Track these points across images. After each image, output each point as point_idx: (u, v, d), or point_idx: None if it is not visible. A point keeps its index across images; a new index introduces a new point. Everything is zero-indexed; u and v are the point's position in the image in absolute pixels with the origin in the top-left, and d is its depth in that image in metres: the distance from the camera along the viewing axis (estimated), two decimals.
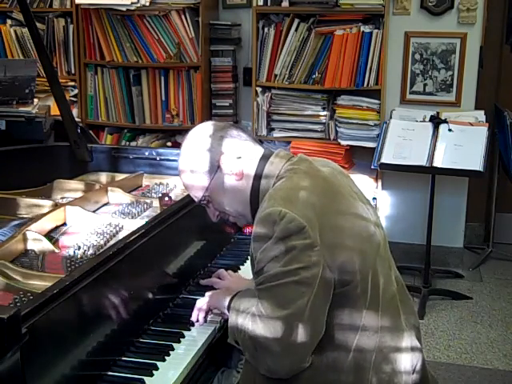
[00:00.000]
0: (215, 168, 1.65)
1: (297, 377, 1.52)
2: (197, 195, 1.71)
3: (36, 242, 1.83)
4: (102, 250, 1.73)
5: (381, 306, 1.60)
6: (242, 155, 1.66)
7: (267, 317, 1.49)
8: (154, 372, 1.57)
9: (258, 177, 1.65)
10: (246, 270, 2.17)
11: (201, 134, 1.69)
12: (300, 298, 1.47)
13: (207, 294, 1.81)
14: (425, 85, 3.95)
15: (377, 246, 1.64)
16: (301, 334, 1.48)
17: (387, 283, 1.64)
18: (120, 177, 2.49)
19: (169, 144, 4.24)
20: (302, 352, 1.51)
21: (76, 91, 4.29)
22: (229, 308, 1.66)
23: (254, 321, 1.52)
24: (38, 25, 3.84)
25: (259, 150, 1.70)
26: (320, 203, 1.55)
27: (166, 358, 1.63)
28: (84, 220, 2.01)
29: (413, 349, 1.67)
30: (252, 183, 1.66)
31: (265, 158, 1.67)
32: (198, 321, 1.79)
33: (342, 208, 1.59)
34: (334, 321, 1.54)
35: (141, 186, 2.48)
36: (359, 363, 1.55)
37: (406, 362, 1.64)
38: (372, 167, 3.76)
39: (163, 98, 4.22)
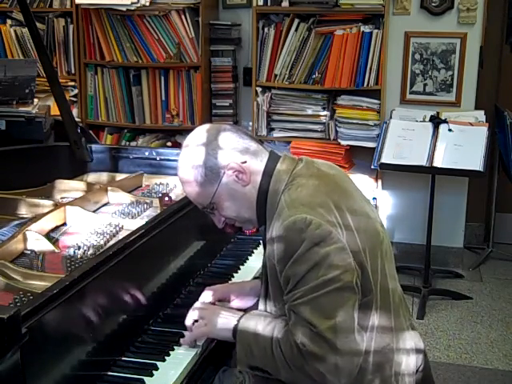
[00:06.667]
0: (221, 175, 1.58)
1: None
2: (201, 203, 1.64)
3: (36, 242, 1.83)
4: (102, 250, 1.73)
5: (392, 309, 1.59)
6: (247, 159, 1.59)
7: (316, 330, 1.42)
8: (154, 372, 1.57)
9: (265, 180, 1.60)
10: (245, 270, 2.17)
11: (202, 140, 1.61)
12: (345, 303, 1.43)
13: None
14: (425, 85, 3.94)
15: (385, 248, 1.62)
16: (354, 339, 1.45)
17: (395, 286, 1.63)
18: (120, 177, 2.49)
19: (169, 144, 4.24)
20: (358, 356, 1.47)
21: (76, 91, 4.29)
22: (235, 332, 1.59)
23: (305, 335, 1.43)
24: (38, 25, 3.84)
25: (264, 153, 1.64)
26: (336, 205, 1.52)
27: (166, 358, 1.63)
28: (84, 220, 2.01)
29: (418, 349, 1.67)
30: (259, 186, 1.60)
31: (272, 161, 1.62)
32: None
33: (354, 207, 1.57)
34: None
35: (141, 186, 2.48)
36: (373, 366, 1.54)
37: (412, 362, 1.64)
38: (372, 167, 3.76)
39: (163, 98, 4.22)
